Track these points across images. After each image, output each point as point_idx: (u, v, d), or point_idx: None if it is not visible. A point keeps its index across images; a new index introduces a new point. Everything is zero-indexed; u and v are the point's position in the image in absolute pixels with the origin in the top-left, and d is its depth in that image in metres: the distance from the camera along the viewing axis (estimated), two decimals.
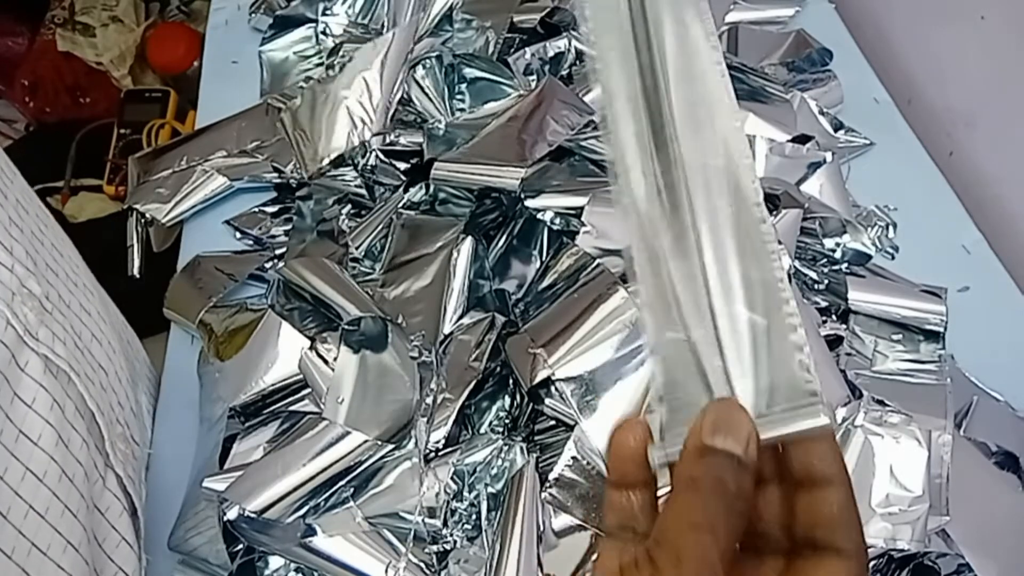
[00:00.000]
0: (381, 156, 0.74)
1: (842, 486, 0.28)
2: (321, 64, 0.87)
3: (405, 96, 0.78)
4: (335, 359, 0.60)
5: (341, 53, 0.84)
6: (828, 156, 0.74)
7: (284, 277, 0.66)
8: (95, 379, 0.49)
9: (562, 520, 0.54)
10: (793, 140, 0.74)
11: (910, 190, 0.77)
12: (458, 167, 0.69)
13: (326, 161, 0.75)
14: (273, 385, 0.62)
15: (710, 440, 0.26)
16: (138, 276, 0.76)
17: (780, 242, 0.59)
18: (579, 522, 0.54)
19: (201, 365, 0.66)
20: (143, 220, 0.77)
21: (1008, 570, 0.54)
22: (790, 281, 0.56)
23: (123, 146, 1.10)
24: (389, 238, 0.70)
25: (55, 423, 0.42)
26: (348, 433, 0.55)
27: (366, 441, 0.55)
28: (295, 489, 0.53)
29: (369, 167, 0.74)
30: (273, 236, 0.75)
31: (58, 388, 0.43)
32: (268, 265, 0.72)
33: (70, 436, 0.44)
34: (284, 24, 0.90)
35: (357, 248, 0.70)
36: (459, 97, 0.80)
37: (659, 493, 0.29)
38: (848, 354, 0.62)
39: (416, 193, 0.72)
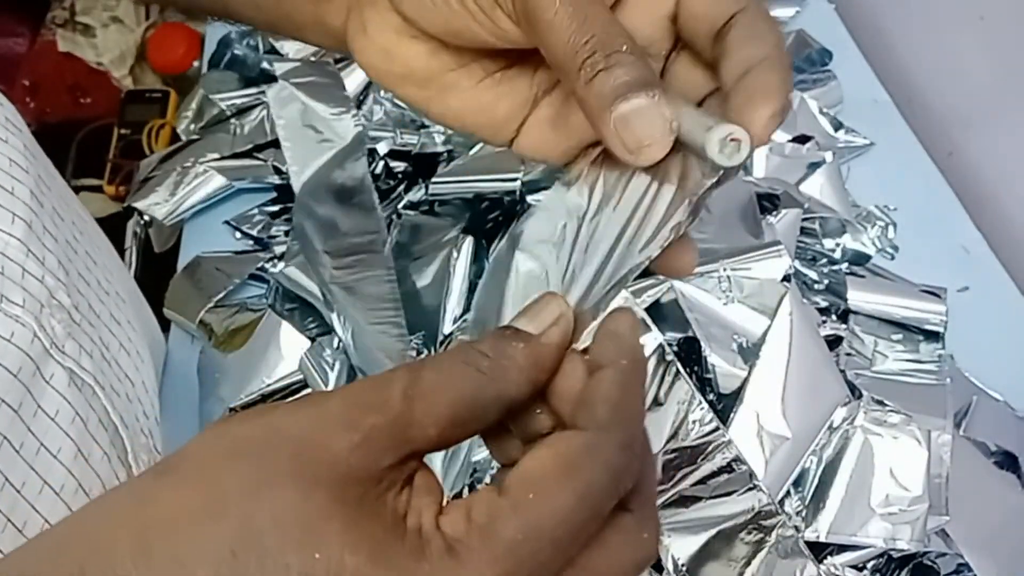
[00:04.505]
0: (388, 162, 0.74)
1: (615, 369, 0.26)
2: None
3: None
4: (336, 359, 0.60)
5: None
6: (828, 156, 0.74)
7: (282, 284, 0.66)
8: (120, 391, 0.49)
9: None
10: (793, 140, 0.74)
11: (910, 190, 0.77)
12: (456, 178, 0.69)
13: None
14: (273, 385, 0.62)
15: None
16: (138, 276, 0.76)
17: (779, 242, 0.59)
18: None
19: (201, 365, 0.66)
20: (143, 220, 0.77)
21: (1008, 570, 0.54)
22: (788, 281, 0.57)
23: (123, 146, 1.09)
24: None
25: (76, 436, 0.42)
26: None
27: None
28: None
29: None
30: (273, 236, 0.75)
31: (82, 401, 0.43)
32: (268, 265, 0.72)
33: (91, 449, 0.43)
34: None
35: None
36: None
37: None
38: (848, 354, 0.62)
39: (416, 193, 0.72)
